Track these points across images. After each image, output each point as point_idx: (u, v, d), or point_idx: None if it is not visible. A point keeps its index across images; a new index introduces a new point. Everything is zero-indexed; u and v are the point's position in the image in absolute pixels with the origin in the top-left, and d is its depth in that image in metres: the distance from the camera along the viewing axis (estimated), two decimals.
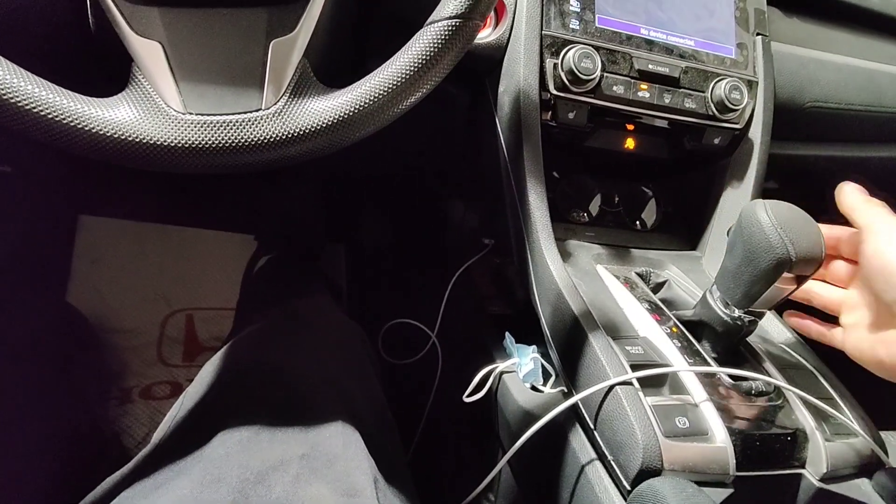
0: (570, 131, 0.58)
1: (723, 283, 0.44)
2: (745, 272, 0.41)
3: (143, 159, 0.32)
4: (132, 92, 0.32)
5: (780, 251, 0.39)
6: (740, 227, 0.42)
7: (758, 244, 0.40)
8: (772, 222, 0.39)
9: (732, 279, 0.43)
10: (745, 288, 0.42)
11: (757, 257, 0.40)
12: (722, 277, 0.44)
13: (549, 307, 0.52)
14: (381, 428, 0.47)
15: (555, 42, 0.55)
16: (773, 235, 0.39)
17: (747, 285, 0.42)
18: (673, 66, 0.58)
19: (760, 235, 0.40)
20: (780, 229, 0.39)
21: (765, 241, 0.39)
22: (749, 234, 0.40)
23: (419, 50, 0.35)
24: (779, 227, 0.39)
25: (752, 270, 0.41)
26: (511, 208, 0.58)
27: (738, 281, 0.42)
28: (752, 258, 0.40)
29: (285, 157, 0.35)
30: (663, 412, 0.41)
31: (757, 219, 0.40)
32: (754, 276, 0.41)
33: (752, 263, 0.40)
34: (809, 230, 0.40)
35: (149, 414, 0.87)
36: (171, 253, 1.02)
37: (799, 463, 0.43)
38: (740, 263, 0.42)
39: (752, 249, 0.40)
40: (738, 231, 0.42)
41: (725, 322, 0.44)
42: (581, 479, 0.44)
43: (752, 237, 0.40)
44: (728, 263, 0.43)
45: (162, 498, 0.34)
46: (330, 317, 0.58)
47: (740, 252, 0.42)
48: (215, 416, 0.40)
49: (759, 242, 0.40)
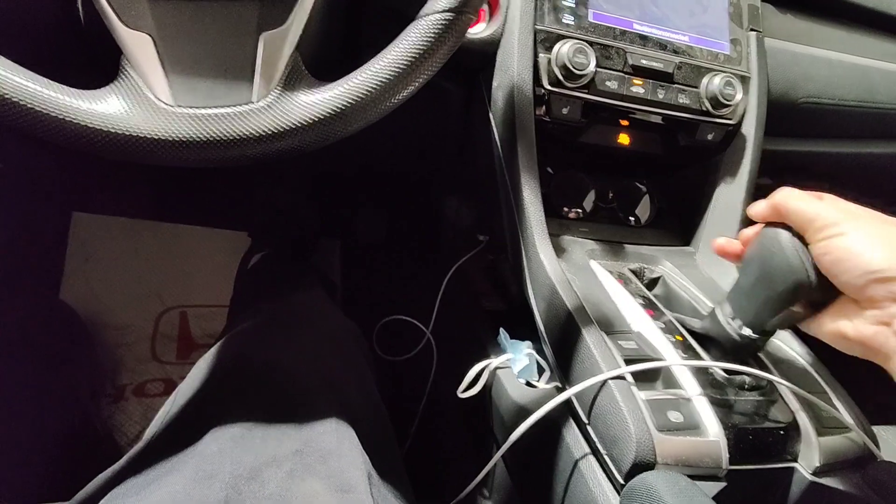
0: (564, 127, 0.58)
1: (735, 300, 0.43)
2: (761, 293, 0.40)
3: (133, 153, 0.31)
4: (121, 85, 0.32)
5: (801, 275, 0.37)
6: (760, 245, 0.40)
7: (777, 266, 0.38)
8: (793, 244, 0.38)
9: (746, 298, 0.41)
10: (759, 308, 0.40)
11: (774, 279, 0.38)
12: (735, 294, 0.43)
13: (543, 302, 0.52)
14: (376, 424, 0.47)
15: (548, 37, 0.55)
16: (794, 258, 0.37)
17: (761, 306, 0.40)
18: (667, 61, 0.58)
19: (780, 256, 0.38)
20: (802, 252, 0.37)
21: (785, 262, 0.38)
22: (768, 254, 0.39)
23: (411, 43, 0.35)
24: (800, 249, 0.37)
25: (768, 292, 0.39)
26: (505, 204, 0.58)
27: (751, 301, 0.41)
28: (770, 279, 0.39)
29: (277, 151, 0.34)
30: (656, 406, 0.41)
31: (778, 239, 0.38)
32: (769, 298, 0.39)
33: (769, 285, 0.39)
34: None
35: (142, 411, 0.86)
36: (164, 250, 1.02)
37: (791, 457, 0.43)
38: (755, 283, 0.40)
39: (770, 270, 0.39)
40: (756, 249, 0.40)
41: (734, 341, 0.43)
42: (575, 474, 0.44)
43: (772, 258, 0.39)
44: (742, 282, 0.42)
45: (154, 494, 0.34)
46: (324, 313, 0.58)
47: (756, 271, 0.40)
48: (208, 413, 0.40)
49: (778, 264, 0.38)
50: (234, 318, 0.66)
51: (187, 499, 0.33)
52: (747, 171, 0.63)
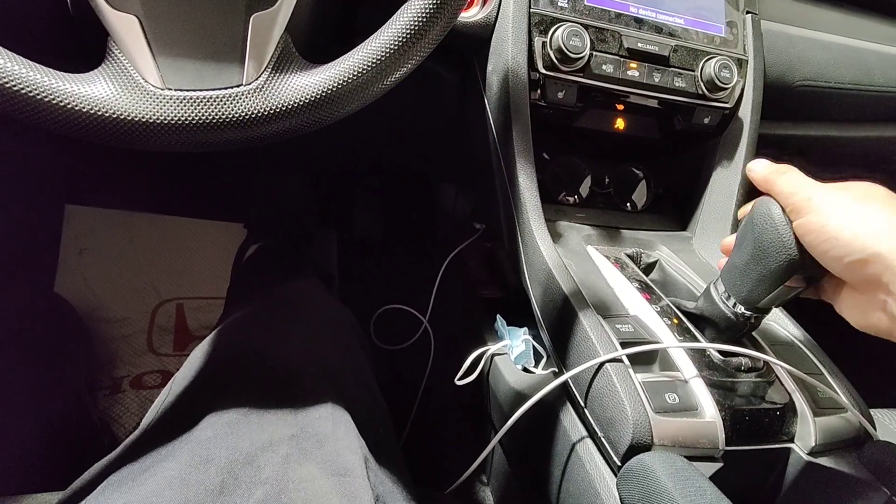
0: (560, 111, 0.58)
1: (729, 278, 0.42)
2: (754, 270, 0.40)
3: (121, 136, 0.31)
4: (108, 67, 0.31)
5: (793, 252, 0.37)
6: (752, 222, 0.39)
7: (769, 242, 0.38)
8: (785, 220, 0.37)
9: (740, 276, 0.41)
10: (753, 286, 0.40)
11: (767, 256, 0.38)
12: (728, 273, 0.43)
13: (540, 288, 0.52)
14: (372, 409, 0.47)
15: (543, 20, 0.55)
16: (786, 234, 0.37)
17: (755, 283, 0.40)
18: (662, 44, 0.58)
19: (773, 233, 0.37)
20: (794, 228, 0.37)
21: (777, 239, 0.37)
22: (761, 230, 0.38)
23: (403, 25, 0.34)
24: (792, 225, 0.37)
25: (762, 269, 0.39)
26: (501, 190, 0.58)
27: (745, 278, 0.41)
28: (763, 256, 0.38)
29: (267, 135, 0.34)
30: (653, 388, 0.41)
31: (770, 215, 0.38)
32: (763, 275, 0.39)
33: (762, 262, 0.39)
34: None
35: (139, 403, 0.86)
36: (159, 242, 1.01)
37: (788, 437, 0.43)
38: (749, 261, 0.40)
39: (763, 247, 0.38)
40: (748, 226, 0.40)
41: (729, 319, 0.43)
42: (572, 457, 0.44)
43: (764, 234, 0.38)
44: (736, 259, 0.41)
45: (150, 480, 0.34)
46: (319, 301, 0.57)
47: (750, 249, 0.40)
48: (204, 400, 0.40)
49: (770, 240, 0.38)
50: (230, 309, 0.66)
51: (183, 484, 0.33)
52: (744, 155, 0.63)
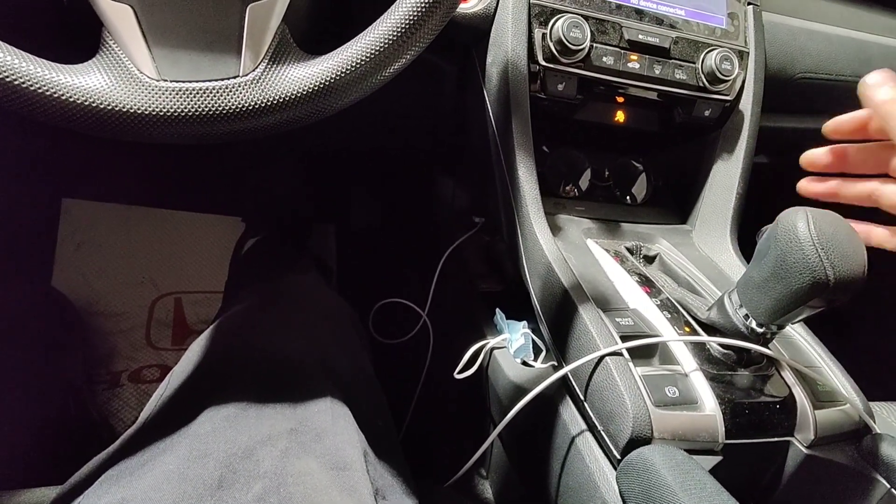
0: (560, 104, 0.58)
1: (745, 292, 0.40)
2: (774, 288, 0.37)
3: (116, 128, 0.31)
4: (103, 58, 0.31)
5: (819, 274, 0.34)
6: (775, 236, 0.37)
7: (793, 261, 0.35)
8: (812, 240, 0.34)
9: (758, 291, 0.39)
10: (771, 304, 0.38)
11: (790, 275, 0.36)
12: (745, 286, 0.40)
13: (539, 281, 0.52)
14: (371, 403, 0.47)
15: (543, 11, 0.54)
16: (812, 255, 0.34)
17: (773, 301, 0.38)
18: (663, 36, 0.57)
19: (798, 253, 0.35)
20: (821, 249, 0.34)
21: (802, 259, 0.35)
22: (785, 247, 0.36)
23: (401, 15, 0.34)
24: (819, 245, 0.34)
25: (782, 288, 0.36)
26: (500, 183, 0.58)
27: (763, 295, 0.38)
28: (784, 276, 0.36)
29: (264, 127, 0.34)
30: (653, 382, 0.41)
31: (796, 233, 0.35)
32: (783, 294, 0.37)
33: (783, 280, 0.36)
34: (853, 251, 0.35)
35: (138, 397, 0.86)
36: (157, 236, 1.01)
37: (787, 430, 0.43)
38: (769, 277, 0.37)
39: (786, 266, 0.36)
40: (771, 240, 0.37)
41: (742, 334, 0.42)
42: (572, 451, 0.44)
43: (788, 252, 0.35)
44: (754, 274, 0.39)
45: (148, 474, 0.34)
46: (318, 294, 0.57)
47: (771, 265, 0.37)
48: (202, 394, 0.40)
49: (795, 260, 0.35)
50: (228, 303, 0.66)
51: (181, 478, 0.33)
52: (744, 148, 0.63)
